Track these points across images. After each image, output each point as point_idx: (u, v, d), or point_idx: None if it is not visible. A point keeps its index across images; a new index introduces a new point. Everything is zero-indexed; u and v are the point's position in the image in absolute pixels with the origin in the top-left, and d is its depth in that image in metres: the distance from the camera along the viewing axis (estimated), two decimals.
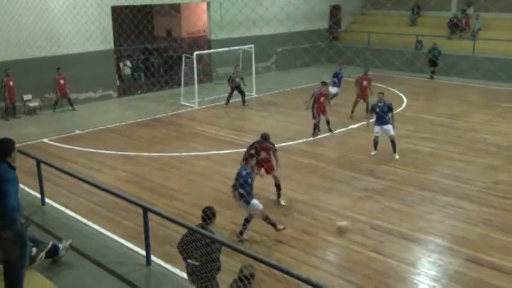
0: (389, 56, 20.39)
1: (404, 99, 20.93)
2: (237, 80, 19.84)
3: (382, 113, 14.03)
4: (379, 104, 14.24)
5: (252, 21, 21.03)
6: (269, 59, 27.68)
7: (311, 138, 16.08)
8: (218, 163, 14.11)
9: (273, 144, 11.54)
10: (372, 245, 9.56)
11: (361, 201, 11.51)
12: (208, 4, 24.55)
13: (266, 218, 9.78)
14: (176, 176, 13.20)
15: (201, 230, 6.51)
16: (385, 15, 30.34)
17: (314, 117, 15.99)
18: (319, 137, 16.23)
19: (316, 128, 16.23)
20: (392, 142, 14.18)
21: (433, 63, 24.60)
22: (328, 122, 16.48)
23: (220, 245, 6.57)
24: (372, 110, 14.54)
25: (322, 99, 16.05)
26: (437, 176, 12.90)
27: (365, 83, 17.85)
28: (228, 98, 20.16)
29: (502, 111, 18.90)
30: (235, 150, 14.46)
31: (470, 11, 27.56)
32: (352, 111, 17.98)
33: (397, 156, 14.06)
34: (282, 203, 11.40)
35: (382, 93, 14.54)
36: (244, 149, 11.45)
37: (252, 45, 21.74)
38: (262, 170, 11.33)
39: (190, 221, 8.36)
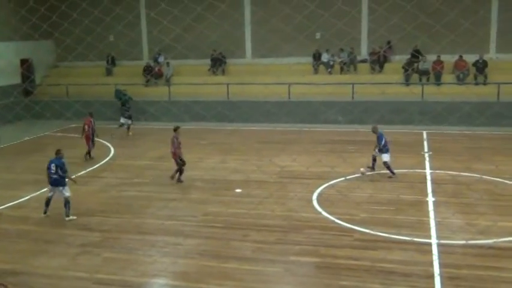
0: (81, 107, 20.17)
1: (112, 148, 21.02)
2: None
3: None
4: None
5: None
6: None
7: (16, 201, 14.82)
8: None
9: None
10: None
11: (79, 258, 11.03)
12: None
13: None
14: None
15: None
16: (79, 66, 30.17)
17: None
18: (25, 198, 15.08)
19: None
20: None
21: (124, 109, 25.16)
22: None
23: None
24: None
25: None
26: (151, 217, 13.24)
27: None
28: None
29: (199, 148, 20.35)
30: None
31: (161, 59, 29.42)
32: None
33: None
34: None
35: None
36: None
37: None
38: None
39: None
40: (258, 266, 10.42)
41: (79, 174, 17.32)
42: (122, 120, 23.80)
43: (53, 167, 13.17)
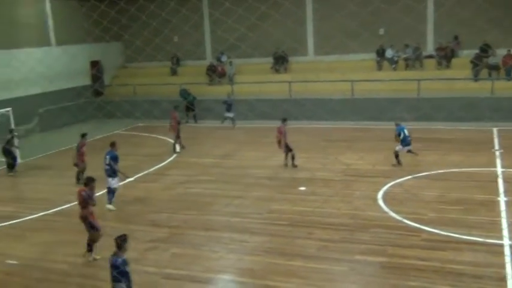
0: (149, 106, 20.84)
1: (177, 146, 21.45)
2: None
3: None
4: None
5: (4, 84, 19.60)
6: (31, 120, 25.98)
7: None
8: None
9: None
10: None
11: (148, 253, 11.36)
12: None
13: None
14: None
15: None
16: (146, 67, 31.08)
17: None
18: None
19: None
20: None
21: (189, 108, 26.07)
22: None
23: None
24: None
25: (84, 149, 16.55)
26: (217, 214, 13.43)
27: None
28: None
29: (262, 146, 20.51)
30: (3, 224, 13.10)
31: (223, 58, 29.79)
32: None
33: None
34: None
35: None
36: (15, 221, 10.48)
37: (9, 108, 20.17)
38: None
39: None
40: (323, 264, 10.38)
41: (148, 171, 17.88)
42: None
43: (107, 158, 14.00)
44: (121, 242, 7.97)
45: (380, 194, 14.19)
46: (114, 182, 14.12)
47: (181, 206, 14.27)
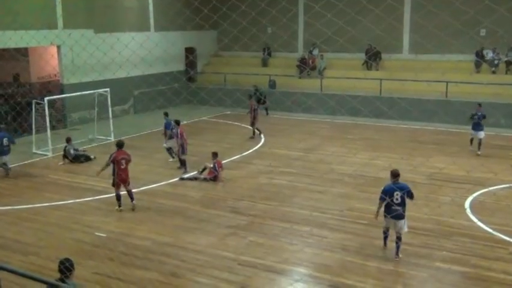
0: (240, 96, 21.21)
1: (262, 136, 21.70)
2: (72, 151, 18.40)
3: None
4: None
5: (105, 65, 20.61)
6: (126, 102, 27.25)
7: (175, 180, 16.00)
8: (77, 212, 13.42)
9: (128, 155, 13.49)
10: (240, 281, 9.64)
11: (227, 238, 11.60)
12: (58, 48, 23.66)
13: None
14: (30, 229, 12.28)
15: (59, 283, 6.10)
16: (237, 56, 31.56)
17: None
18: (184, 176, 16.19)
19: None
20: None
21: (260, 100, 26.21)
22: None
23: None
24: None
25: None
26: (296, 207, 13.46)
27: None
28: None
29: (346, 143, 20.30)
30: (95, 198, 13.87)
31: (315, 51, 29.64)
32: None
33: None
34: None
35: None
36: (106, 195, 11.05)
37: (108, 89, 21.25)
38: None
39: (48, 275, 7.79)
40: (400, 267, 10.14)
41: (232, 158, 18.22)
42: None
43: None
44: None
45: (468, 202, 13.59)
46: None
47: (262, 195, 14.43)
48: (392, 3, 23.49)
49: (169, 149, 17.84)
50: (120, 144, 13.62)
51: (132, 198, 13.50)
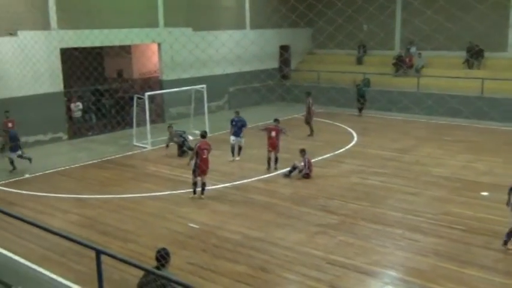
0: (334, 94, 21.06)
1: (355, 135, 21.44)
2: (175, 139, 19.08)
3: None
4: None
5: (202, 62, 21.30)
6: (221, 98, 27.93)
7: (265, 176, 16.22)
8: (172, 203, 13.99)
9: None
10: (329, 280, 9.62)
11: (316, 237, 11.61)
12: (159, 45, 24.71)
13: None
14: (130, 218, 12.98)
15: (156, 270, 6.42)
16: (332, 54, 31.28)
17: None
18: (273, 174, 16.37)
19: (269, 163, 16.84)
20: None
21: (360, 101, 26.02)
22: (276, 160, 16.75)
23: (176, 285, 6.47)
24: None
25: (273, 133, 16.66)
26: (389, 209, 13.18)
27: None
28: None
29: (444, 144, 19.56)
30: (190, 190, 14.38)
31: (413, 49, 28.77)
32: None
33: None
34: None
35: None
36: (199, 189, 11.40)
37: (204, 85, 21.90)
38: None
39: (146, 262, 8.19)
40: (500, 277, 9.64)
41: (324, 156, 18.15)
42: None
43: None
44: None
45: None
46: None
47: (353, 195, 14.27)
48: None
49: (233, 147, 18.13)
50: (203, 135, 14.32)
51: (203, 191, 14.03)
